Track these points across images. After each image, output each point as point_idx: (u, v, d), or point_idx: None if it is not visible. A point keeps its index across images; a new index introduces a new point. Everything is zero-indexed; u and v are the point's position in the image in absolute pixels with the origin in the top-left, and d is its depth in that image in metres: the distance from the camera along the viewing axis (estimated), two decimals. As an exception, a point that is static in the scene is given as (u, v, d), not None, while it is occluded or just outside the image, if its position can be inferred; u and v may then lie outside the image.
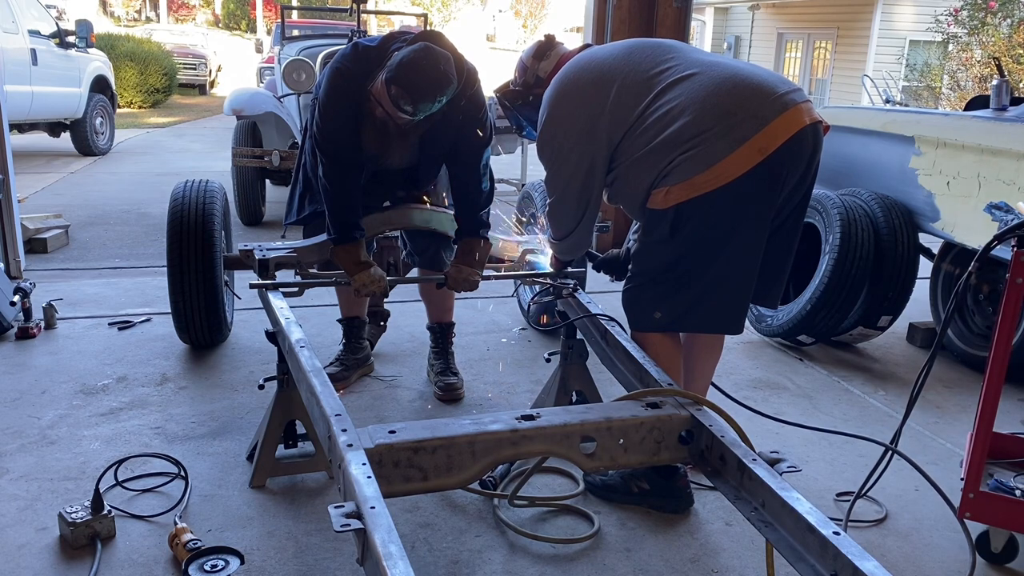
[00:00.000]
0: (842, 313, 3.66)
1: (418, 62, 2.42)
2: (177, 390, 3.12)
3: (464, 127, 2.71)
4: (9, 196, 4.36)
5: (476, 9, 40.57)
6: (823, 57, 17.14)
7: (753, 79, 2.25)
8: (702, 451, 1.85)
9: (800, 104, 2.23)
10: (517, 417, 1.81)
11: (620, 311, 2.47)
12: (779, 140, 2.18)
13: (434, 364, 3.27)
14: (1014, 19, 12.42)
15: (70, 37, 9.16)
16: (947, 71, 13.69)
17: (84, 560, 2.07)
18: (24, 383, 3.13)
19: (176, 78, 17.77)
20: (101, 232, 6.04)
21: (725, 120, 2.17)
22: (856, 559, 1.34)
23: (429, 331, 3.33)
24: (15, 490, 2.39)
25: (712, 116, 2.18)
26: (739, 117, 2.17)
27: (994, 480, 2.28)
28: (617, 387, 2.35)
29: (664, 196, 2.24)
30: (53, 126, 9.28)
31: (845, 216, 3.64)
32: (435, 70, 2.42)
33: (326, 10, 17.57)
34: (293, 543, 2.19)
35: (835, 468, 2.71)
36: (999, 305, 2.09)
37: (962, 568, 2.20)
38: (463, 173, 2.84)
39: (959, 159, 3.55)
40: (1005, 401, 2.41)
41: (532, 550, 2.21)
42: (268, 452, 2.46)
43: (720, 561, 2.19)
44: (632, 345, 2.31)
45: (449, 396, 3.13)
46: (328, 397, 1.85)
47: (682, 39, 5.28)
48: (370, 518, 1.39)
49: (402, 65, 2.41)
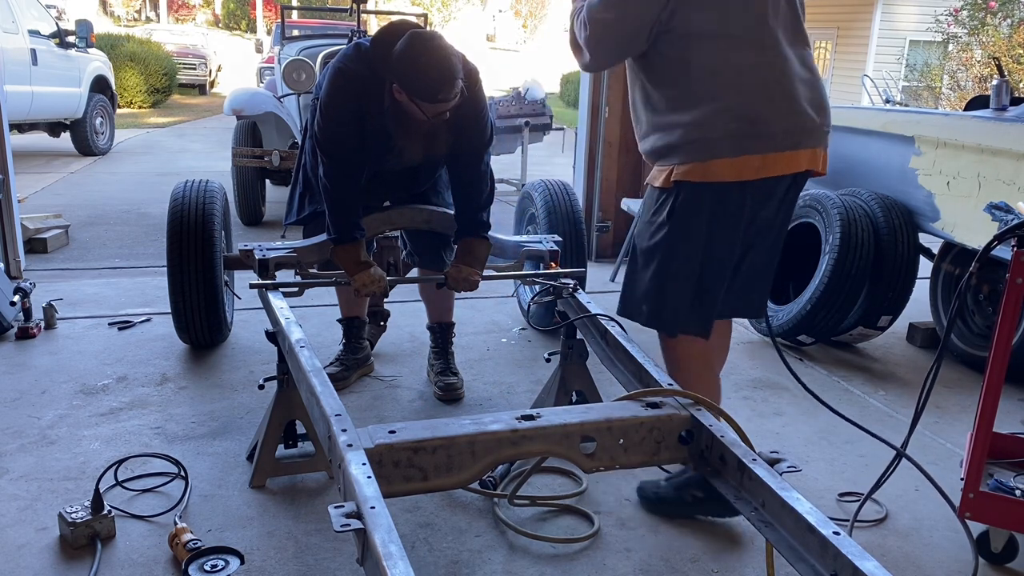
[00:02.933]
0: (842, 313, 3.66)
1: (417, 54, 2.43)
2: (177, 390, 3.12)
3: (465, 127, 2.71)
4: (9, 196, 4.36)
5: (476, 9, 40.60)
6: (823, 57, 17.12)
7: (794, 93, 2.18)
8: (702, 451, 1.85)
9: (811, 149, 2.22)
10: (517, 417, 1.81)
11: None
12: (766, 173, 2.17)
13: (434, 364, 3.27)
14: (1014, 19, 12.43)
15: (70, 37, 9.16)
16: (947, 71, 13.69)
17: (84, 560, 2.07)
18: (24, 383, 3.13)
19: (176, 78, 17.80)
20: (101, 232, 6.04)
21: (747, 123, 2.14)
22: (856, 559, 1.34)
23: (429, 331, 3.34)
24: (15, 490, 2.39)
25: (740, 111, 2.14)
26: (758, 128, 2.14)
27: (994, 480, 2.28)
28: (617, 387, 2.35)
29: (667, 174, 2.26)
30: (53, 126, 9.28)
31: (845, 216, 3.64)
32: (439, 53, 2.45)
33: (326, 10, 17.59)
34: (293, 543, 2.19)
35: (835, 468, 2.71)
36: (999, 305, 2.09)
37: (962, 568, 2.20)
38: (464, 173, 2.84)
39: (959, 159, 3.55)
40: (1005, 401, 2.41)
41: (532, 550, 2.21)
42: (268, 452, 2.46)
43: (720, 561, 2.19)
44: (632, 345, 2.31)
45: (449, 396, 3.13)
46: (328, 397, 1.85)
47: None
48: (370, 518, 1.39)
49: (408, 69, 2.43)
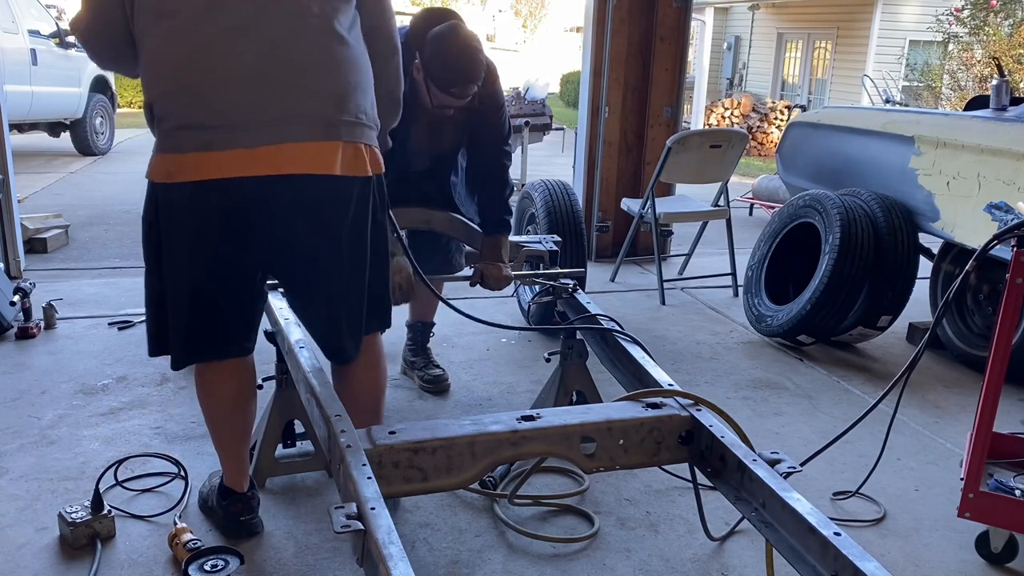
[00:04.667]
0: (842, 313, 3.66)
1: (451, 43, 2.54)
2: (177, 390, 3.12)
3: (486, 123, 2.80)
4: (9, 196, 4.36)
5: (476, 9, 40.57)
6: (823, 57, 17.13)
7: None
8: (702, 452, 1.85)
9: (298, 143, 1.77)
10: (517, 418, 1.81)
11: (619, 311, 2.47)
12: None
13: (414, 361, 3.30)
14: (1015, 19, 12.42)
15: (70, 37, 9.13)
16: (947, 71, 13.68)
17: (84, 560, 2.07)
18: (24, 383, 3.13)
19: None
20: (101, 232, 6.04)
21: None
22: (857, 560, 1.34)
23: (408, 328, 3.35)
24: (15, 490, 2.39)
25: None
26: None
27: (994, 480, 2.28)
28: (617, 387, 2.35)
29: None
30: (53, 126, 9.27)
31: (845, 216, 3.64)
32: (469, 46, 2.55)
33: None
34: (293, 543, 2.19)
35: (835, 468, 2.71)
36: (999, 305, 2.09)
37: (962, 568, 2.20)
38: (490, 169, 2.91)
39: (959, 159, 3.55)
40: (1005, 401, 2.41)
41: (532, 550, 2.21)
42: (267, 452, 2.46)
43: (720, 561, 2.19)
44: (632, 345, 2.31)
45: (438, 387, 3.18)
46: (328, 398, 1.86)
47: (682, 39, 5.30)
48: (370, 519, 1.39)
49: (436, 52, 2.53)
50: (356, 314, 2.00)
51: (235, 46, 1.73)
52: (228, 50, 1.73)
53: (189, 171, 1.75)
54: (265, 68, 1.75)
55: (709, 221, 5.04)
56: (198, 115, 1.74)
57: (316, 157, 1.78)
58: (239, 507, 2.18)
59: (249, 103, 1.74)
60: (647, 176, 5.22)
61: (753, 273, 4.14)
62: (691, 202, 5.07)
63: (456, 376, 3.33)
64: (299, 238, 1.88)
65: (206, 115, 1.74)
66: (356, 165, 1.84)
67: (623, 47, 5.18)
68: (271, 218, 1.83)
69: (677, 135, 4.64)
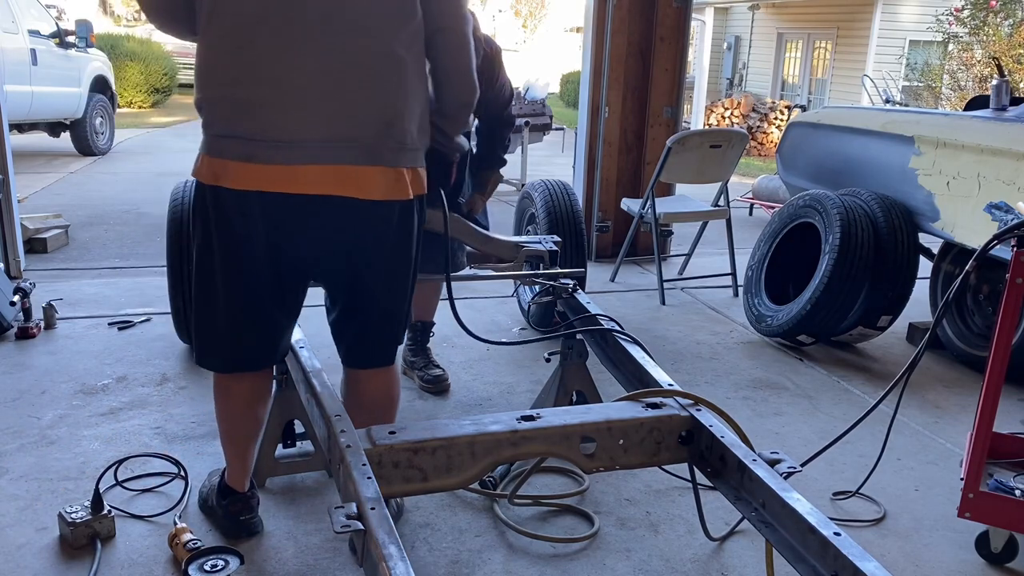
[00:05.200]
0: (842, 313, 3.66)
1: None
2: (177, 390, 3.12)
3: None
4: (9, 196, 4.36)
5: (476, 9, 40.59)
6: (823, 57, 17.13)
7: None
8: (702, 452, 1.85)
9: None
10: (517, 418, 1.81)
11: (619, 311, 2.47)
12: None
13: (414, 361, 3.30)
14: (1014, 19, 12.42)
15: (70, 37, 9.15)
16: (947, 71, 13.68)
17: (84, 560, 2.07)
18: (24, 383, 3.13)
19: (177, 78, 17.77)
20: (101, 232, 6.03)
21: None
22: (857, 560, 1.34)
23: (408, 328, 3.34)
24: (15, 490, 2.39)
25: None
26: None
27: (994, 480, 2.28)
28: (617, 387, 2.35)
29: None
30: (53, 126, 9.26)
31: (845, 216, 3.64)
32: None
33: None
34: (293, 543, 2.19)
35: (835, 468, 2.71)
36: (999, 305, 2.09)
37: (962, 568, 2.20)
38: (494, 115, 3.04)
39: (959, 159, 3.55)
40: (1005, 401, 2.41)
41: (532, 550, 2.21)
42: (267, 452, 2.46)
43: (720, 561, 2.19)
44: (632, 345, 2.31)
45: (438, 387, 3.18)
46: (328, 398, 1.86)
47: (682, 39, 5.30)
48: (370, 519, 1.39)
49: None
50: (391, 329, 2.05)
51: (284, 64, 1.73)
52: (277, 67, 1.73)
53: (232, 178, 1.77)
54: (313, 89, 1.74)
55: (709, 221, 5.05)
56: (240, 127, 1.75)
57: (357, 181, 1.79)
58: (239, 507, 2.18)
59: (294, 122, 1.74)
60: (647, 176, 5.22)
61: (753, 273, 4.14)
62: (691, 202, 5.07)
63: (456, 376, 3.34)
64: (337, 259, 1.91)
65: (249, 129, 1.74)
66: (397, 189, 1.84)
67: (623, 47, 5.18)
68: (310, 237, 1.84)
69: (677, 135, 4.64)
